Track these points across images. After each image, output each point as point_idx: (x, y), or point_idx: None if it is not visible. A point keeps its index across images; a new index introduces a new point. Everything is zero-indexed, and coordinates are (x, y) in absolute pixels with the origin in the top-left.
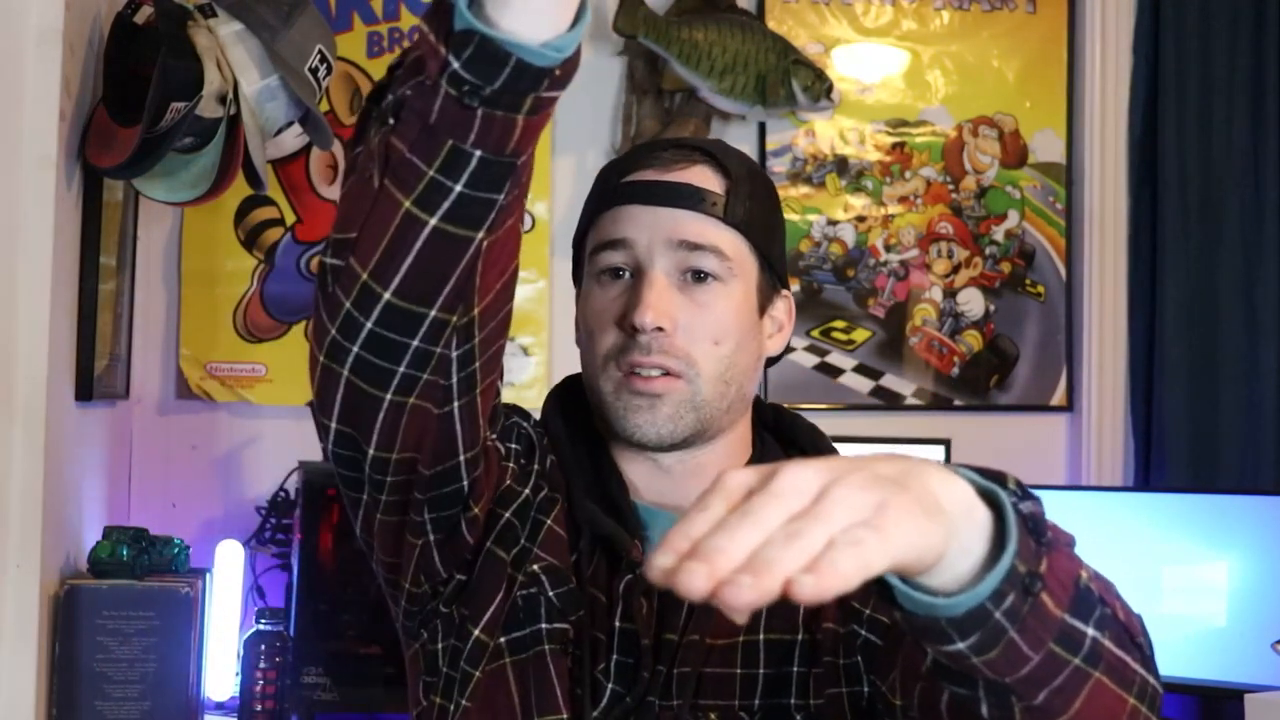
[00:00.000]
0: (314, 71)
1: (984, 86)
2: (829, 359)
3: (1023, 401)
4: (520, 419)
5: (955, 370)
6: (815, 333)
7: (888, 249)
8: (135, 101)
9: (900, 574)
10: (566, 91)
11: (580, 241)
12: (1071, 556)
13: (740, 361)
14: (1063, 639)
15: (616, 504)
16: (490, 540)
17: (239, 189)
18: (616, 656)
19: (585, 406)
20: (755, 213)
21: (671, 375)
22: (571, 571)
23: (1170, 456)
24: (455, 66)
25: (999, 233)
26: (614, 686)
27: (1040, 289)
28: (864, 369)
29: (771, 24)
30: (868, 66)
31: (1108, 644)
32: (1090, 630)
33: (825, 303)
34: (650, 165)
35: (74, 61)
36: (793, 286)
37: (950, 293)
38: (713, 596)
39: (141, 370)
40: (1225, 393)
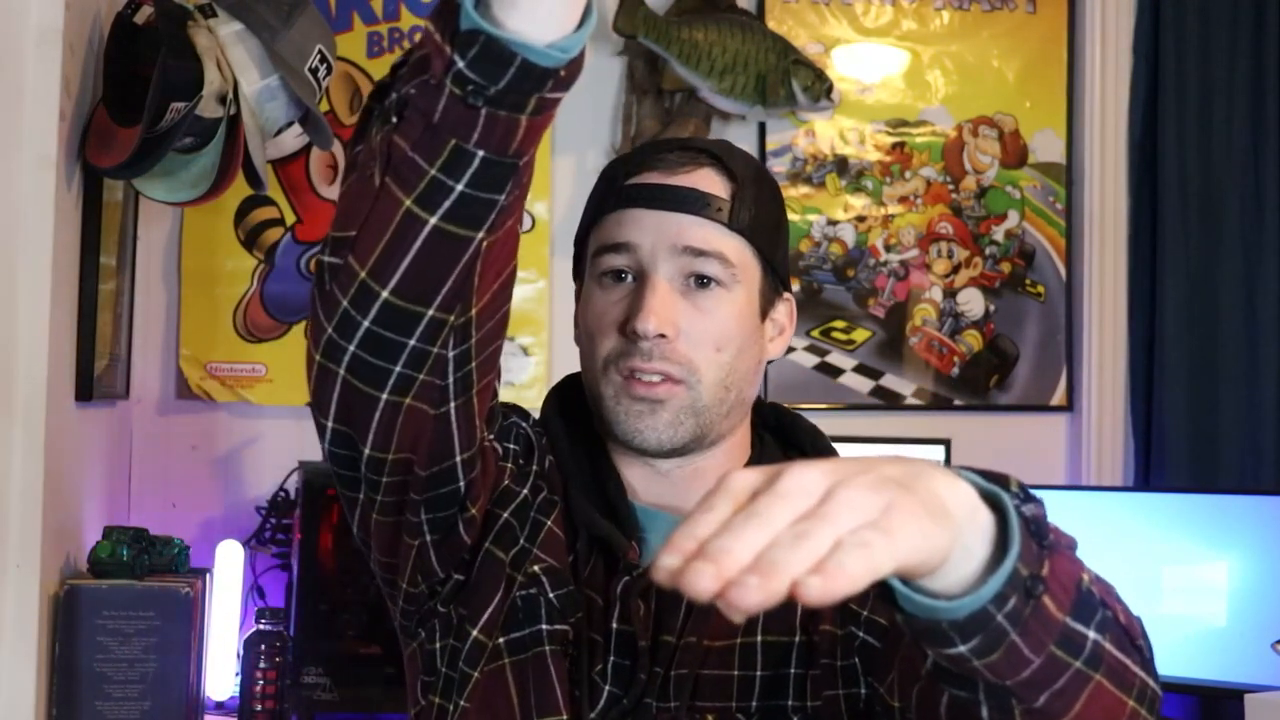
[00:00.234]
0: (314, 71)
1: (984, 86)
2: (829, 359)
3: (1023, 401)
4: (519, 419)
5: (955, 370)
6: (815, 333)
7: (888, 249)
8: (135, 101)
9: (904, 576)
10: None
11: (582, 240)
12: (1073, 559)
13: (741, 367)
14: (1064, 642)
15: (614, 505)
16: (489, 540)
17: (239, 189)
18: (614, 658)
19: (585, 406)
20: (760, 217)
21: (672, 381)
22: (569, 572)
23: (1170, 456)
24: (460, 66)
25: (999, 233)
26: (611, 688)
27: (1040, 289)
28: (864, 369)
29: (771, 24)
30: (868, 66)
31: (1109, 647)
32: (1091, 633)
33: (825, 303)
34: (655, 167)
35: (74, 61)
36: (793, 287)
37: (950, 293)
38: (719, 597)
39: (141, 370)
40: (1225, 393)
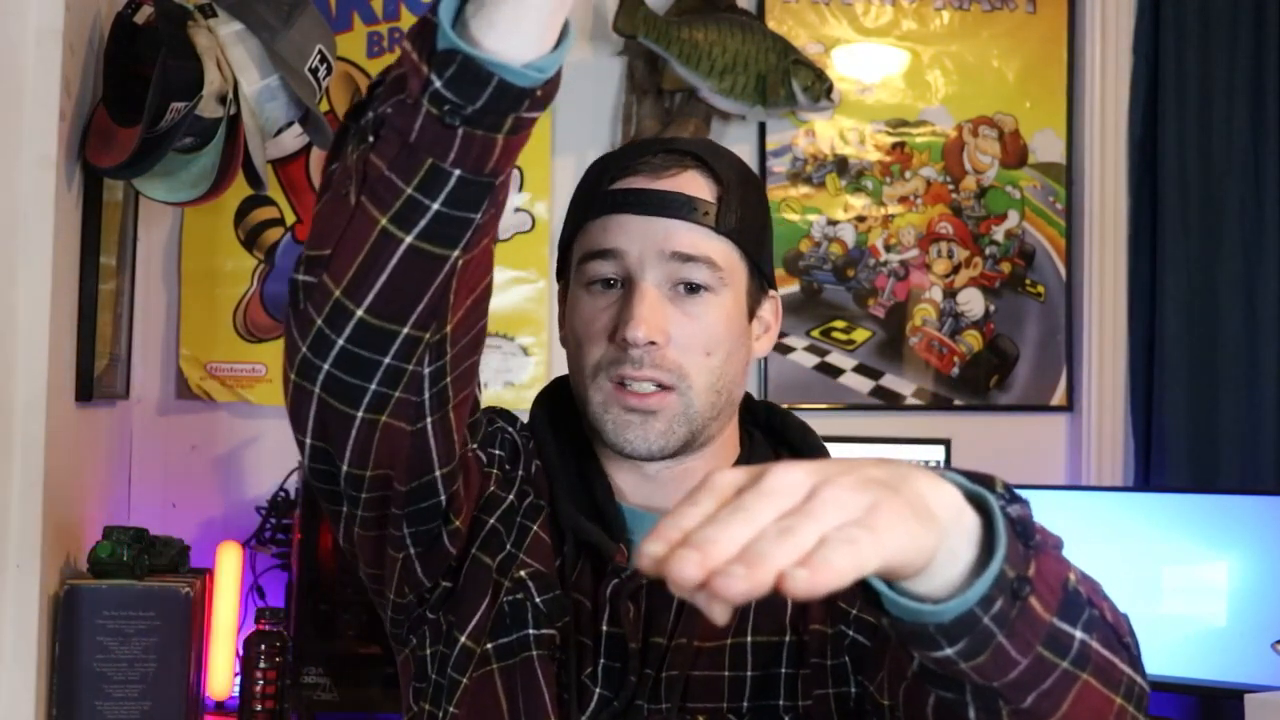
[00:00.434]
0: (314, 71)
1: (984, 86)
2: (829, 359)
3: (1023, 401)
4: (505, 423)
5: (955, 370)
6: (815, 333)
7: (888, 249)
8: (135, 101)
9: (889, 577)
10: (567, 92)
11: (567, 244)
12: (1059, 559)
13: (731, 369)
14: (1051, 642)
15: (601, 508)
16: (475, 547)
17: (239, 189)
18: (604, 661)
19: (573, 409)
20: (746, 219)
21: (664, 389)
22: (556, 577)
23: (1170, 456)
24: (437, 85)
25: (999, 233)
26: (601, 691)
27: (1040, 289)
28: (864, 369)
29: (771, 24)
30: (868, 66)
31: (1095, 645)
32: (1078, 633)
33: (825, 303)
34: (641, 171)
35: (74, 61)
36: (793, 286)
37: (950, 293)
38: (704, 586)
39: (141, 370)
40: (1225, 393)
